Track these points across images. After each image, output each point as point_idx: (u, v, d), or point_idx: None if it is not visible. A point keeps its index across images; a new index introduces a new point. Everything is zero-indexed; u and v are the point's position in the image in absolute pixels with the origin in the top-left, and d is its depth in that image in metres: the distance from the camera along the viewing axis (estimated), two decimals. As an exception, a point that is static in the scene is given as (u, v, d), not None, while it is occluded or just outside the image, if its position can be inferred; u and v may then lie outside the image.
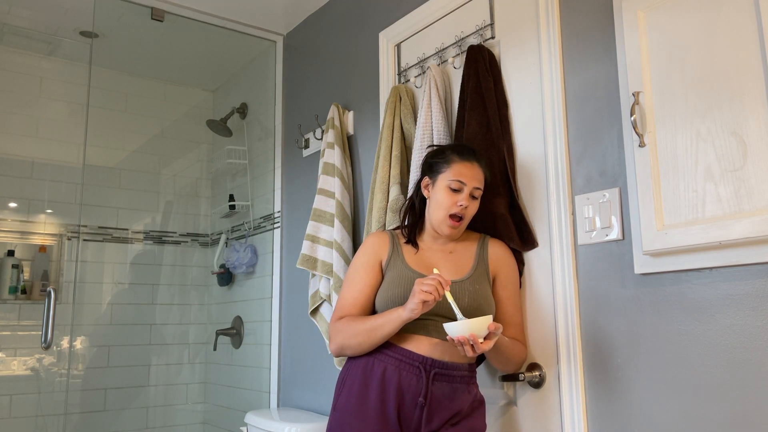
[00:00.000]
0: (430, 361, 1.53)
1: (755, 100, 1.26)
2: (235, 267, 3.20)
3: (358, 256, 1.70)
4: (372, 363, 1.56)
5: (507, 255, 1.71)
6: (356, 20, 2.63)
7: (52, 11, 2.95)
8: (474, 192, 1.64)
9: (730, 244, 1.28)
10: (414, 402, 1.51)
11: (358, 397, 1.54)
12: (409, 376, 1.52)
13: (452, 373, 1.55)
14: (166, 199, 3.69)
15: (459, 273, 1.63)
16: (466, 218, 1.65)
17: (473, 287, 1.59)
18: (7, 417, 3.02)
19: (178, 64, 3.56)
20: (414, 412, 1.51)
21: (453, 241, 1.71)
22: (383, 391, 1.52)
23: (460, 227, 1.65)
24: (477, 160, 1.67)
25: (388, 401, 1.51)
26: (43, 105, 3.35)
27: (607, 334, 1.55)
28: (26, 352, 3.12)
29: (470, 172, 1.64)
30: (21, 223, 3.22)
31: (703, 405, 1.35)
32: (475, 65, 1.87)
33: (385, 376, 1.53)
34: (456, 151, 1.68)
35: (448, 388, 1.54)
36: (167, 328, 3.54)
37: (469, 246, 1.70)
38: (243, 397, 3.17)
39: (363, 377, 1.55)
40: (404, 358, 1.54)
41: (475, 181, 1.64)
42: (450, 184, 1.63)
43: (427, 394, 1.51)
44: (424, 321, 1.55)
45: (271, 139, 3.18)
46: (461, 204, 1.62)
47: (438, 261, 1.66)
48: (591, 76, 1.65)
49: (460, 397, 1.55)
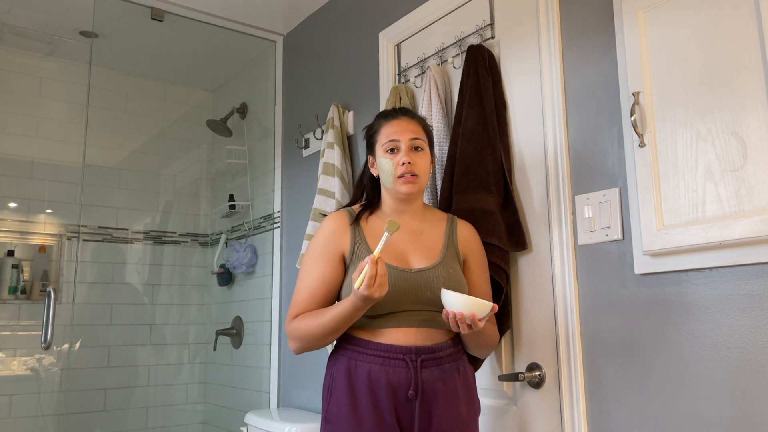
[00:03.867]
0: (415, 349, 1.45)
1: (755, 100, 1.26)
2: (235, 267, 3.20)
3: (315, 245, 1.56)
4: (355, 366, 1.47)
5: (475, 237, 1.66)
6: (356, 20, 2.63)
7: (52, 11, 2.95)
8: (414, 144, 1.56)
9: (730, 244, 1.28)
10: (408, 397, 1.44)
11: (348, 406, 1.44)
12: (397, 371, 1.44)
13: (439, 355, 1.48)
14: (166, 199, 3.69)
15: (430, 258, 1.55)
16: (420, 172, 1.55)
17: (447, 272, 1.52)
18: (7, 417, 3.02)
19: (178, 64, 3.56)
20: (409, 407, 1.44)
21: (419, 219, 1.61)
22: (373, 393, 1.43)
23: (418, 182, 1.55)
24: (404, 114, 1.62)
25: (381, 402, 1.43)
26: (43, 105, 3.35)
27: (607, 334, 1.55)
28: (26, 352, 3.12)
29: (399, 126, 1.58)
30: (21, 223, 3.22)
31: (703, 405, 1.35)
32: (475, 65, 1.87)
33: (372, 377, 1.44)
34: (381, 115, 1.64)
35: (438, 371, 1.47)
36: (167, 329, 3.54)
37: (437, 225, 1.63)
38: (243, 397, 3.17)
39: (348, 383, 1.46)
40: (388, 353, 1.45)
41: (408, 133, 1.57)
42: (385, 147, 1.57)
43: (417, 385, 1.43)
44: (395, 314, 1.48)
45: (271, 139, 3.18)
46: (403, 161, 1.54)
47: (406, 245, 1.55)
48: (591, 76, 1.65)
49: (451, 378, 1.48)
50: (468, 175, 1.77)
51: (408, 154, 1.55)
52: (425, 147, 1.59)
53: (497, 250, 1.72)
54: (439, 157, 1.94)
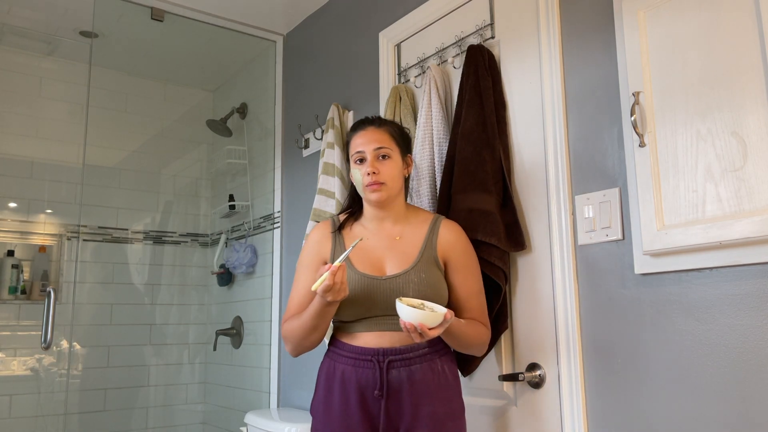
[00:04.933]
0: (383, 351, 1.53)
1: (755, 100, 1.26)
2: (235, 267, 3.20)
3: (302, 254, 1.69)
4: (333, 366, 1.59)
5: (458, 238, 1.65)
6: (356, 20, 2.63)
7: (52, 11, 2.95)
8: (379, 153, 1.61)
9: (730, 244, 1.28)
10: (374, 396, 1.53)
11: (324, 403, 1.58)
12: (365, 372, 1.53)
13: (408, 356, 1.54)
14: (165, 199, 3.69)
15: (404, 263, 1.59)
16: (387, 180, 1.60)
17: (418, 277, 1.56)
18: (7, 417, 3.02)
19: (178, 64, 3.56)
20: (376, 406, 1.52)
21: (401, 223, 1.66)
22: (344, 392, 1.54)
23: (384, 190, 1.60)
24: (371, 124, 1.66)
25: (350, 401, 1.53)
26: (43, 105, 3.35)
27: (607, 334, 1.55)
28: (26, 352, 3.12)
29: (365, 138, 1.63)
30: (21, 223, 3.22)
31: (703, 405, 1.35)
32: (475, 65, 1.87)
33: (345, 376, 1.55)
34: (352, 128, 1.70)
35: (406, 372, 1.52)
36: (167, 329, 3.54)
37: (419, 228, 1.66)
38: (243, 397, 3.17)
39: (327, 381, 1.59)
40: (358, 355, 1.55)
41: (373, 143, 1.62)
42: (354, 158, 1.64)
43: (383, 386, 1.51)
44: (368, 319, 1.56)
45: (271, 139, 3.18)
46: (368, 172, 1.59)
47: (384, 252, 1.62)
48: (591, 76, 1.65)
49: (422, 378, 1.53)
50: (467, 175, 1.77)
51: (373, 164, 1.61)
52: (392, 154, 1.63)
53: (496, 250, 1.71)
54: (438, 157, 1.94)
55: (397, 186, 1.64)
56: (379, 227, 1.66)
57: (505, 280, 1.74)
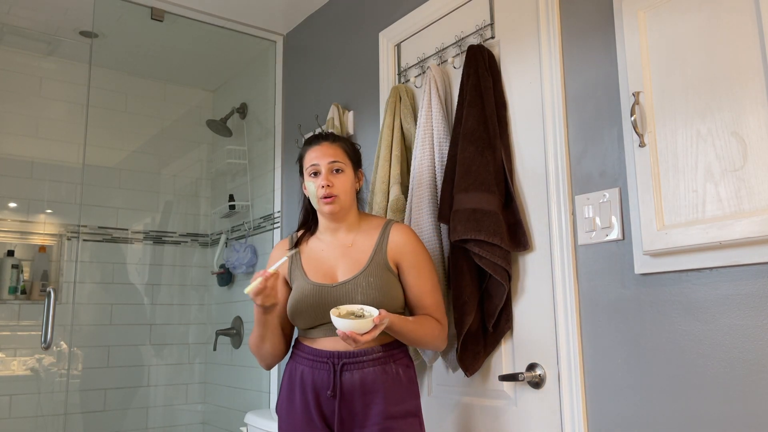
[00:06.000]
0: (337, 354, 1.61)
1: (755, 100, 1.26)
2: (235, 267, 3.20)
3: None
4: (295, 367, 1.68)
5: (408, 240, 1.71)
6: (356, 20, 2.63)
7: (52, 11, 2.95)
8: (333, 166, 1.70)
9: (730, 244, 1.28)
10: (327, 397, 1.60)
11: (287, 402, 1.67)
12: (321, 374, 1.62)
13: (362, 359, 1.61)
14: (165, 199, 3.69)
15: (355, 269, 1.67)
16: (340, 193, 1.69)
17: (366, 281, 1.63)
18: (7, 417, 3.02)
19: (178, 64, 3.56)
20: (330, 406, 1.60)
21: (354, 231, 1.74)
22: (304, 391, 1.63)
23: (338, 203, 1.69)
24: (325, 139, 1.75)
25: (309, 401, 1.62)
26: (43, 105, 3.35)
27: (607, 334, 1.55)
28: (26, 352, 3.12)
29: (319, 152, 1.71)
30: (21, 223, 3.22)
31: (703, 405, 1.35)
32: (475, 65, 1.87)
33: (303, 377, 1.64)
34: (305, 143, 1.78)
35: (359, 374, 1.59)
36: (167, 329, 3.54)
37: (370, 235, 1.73)
38: (243, 397, 3.17)
39: (289, 382, 1.68)
40: (316, 357, 1.64)
41: (327, 157, 1.70)
42: (308, 171, 1.72)
43: (335, 387, 1.59)
44: (324, 325, 1.64)
45: (271, 139, 3.18)
46: (322, 185, 1.67)
47: (336, 260, 1.70)
48: (591, 76, 1.65)
49: (374, 380, 1.59)
50: (469, 176, 1.77)
51: (327, 177, 1.69)
52: (346, 168, 1.72)
53: (499, 250, 1.72)
54: (438, 156, 1.94)
55: (350, 198, 1.73)
56: (333, 238, 1.75)
57: (508, 280, 1.74)
